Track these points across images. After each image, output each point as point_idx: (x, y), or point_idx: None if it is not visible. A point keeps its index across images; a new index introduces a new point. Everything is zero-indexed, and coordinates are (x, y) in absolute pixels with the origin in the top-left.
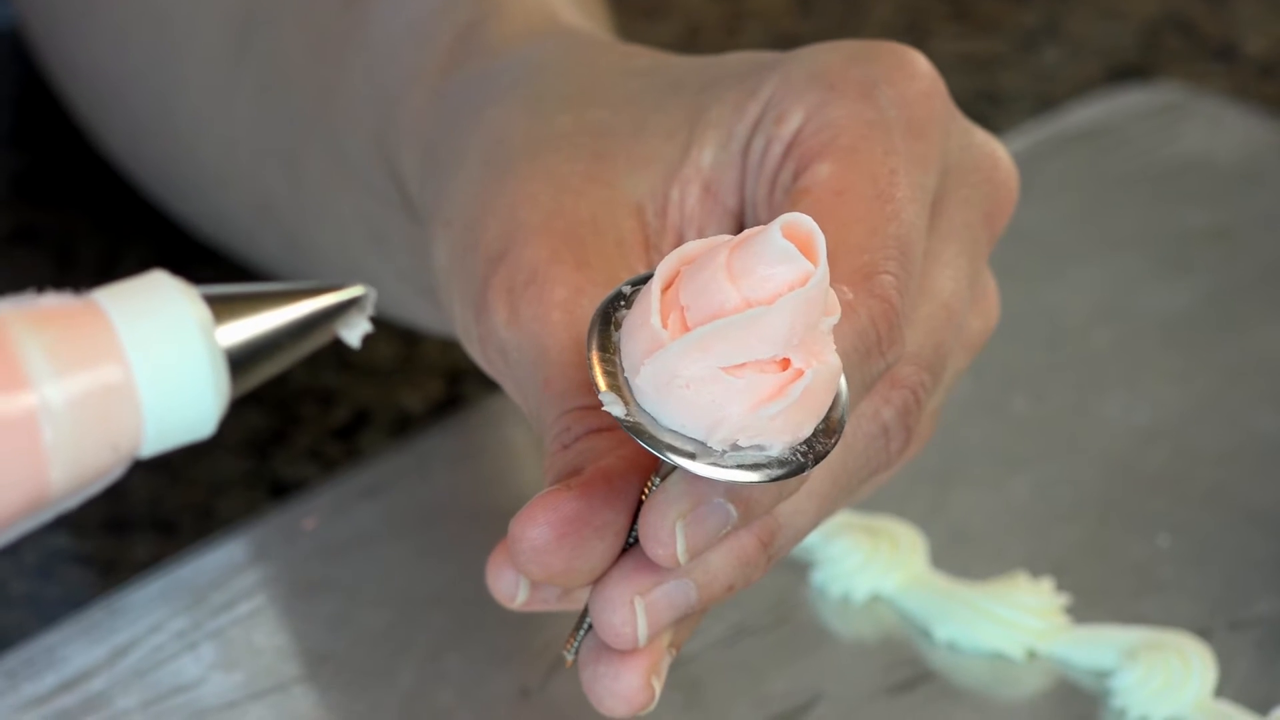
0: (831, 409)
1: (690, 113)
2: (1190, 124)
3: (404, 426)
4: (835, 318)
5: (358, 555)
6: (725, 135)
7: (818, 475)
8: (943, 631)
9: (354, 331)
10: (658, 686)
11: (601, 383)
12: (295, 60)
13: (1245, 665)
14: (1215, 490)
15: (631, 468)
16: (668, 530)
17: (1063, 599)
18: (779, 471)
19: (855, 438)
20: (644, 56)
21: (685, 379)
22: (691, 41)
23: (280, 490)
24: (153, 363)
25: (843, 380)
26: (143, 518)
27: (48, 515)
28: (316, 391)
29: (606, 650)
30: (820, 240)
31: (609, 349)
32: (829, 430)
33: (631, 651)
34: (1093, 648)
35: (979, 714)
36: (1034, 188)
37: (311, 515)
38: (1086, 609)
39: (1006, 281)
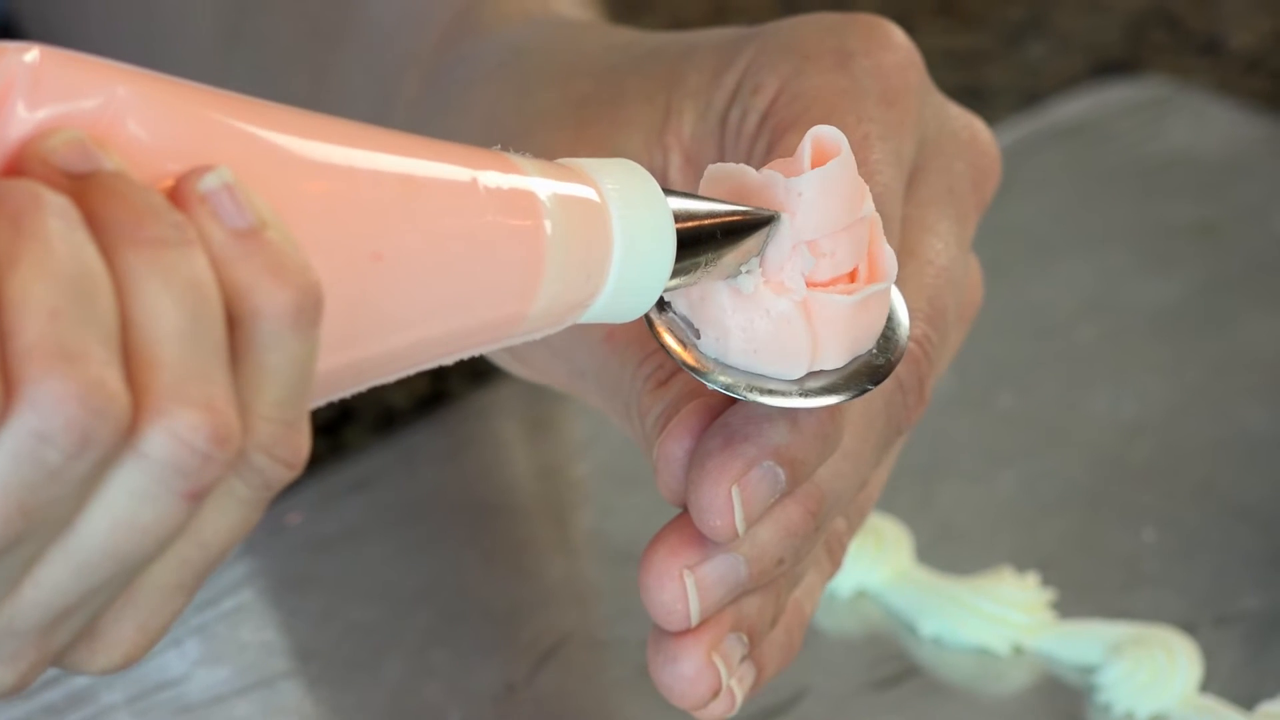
0: (889, 344)
1: (668, 78)
2: (1176, 118)
3: (389, 421)
4: (870, 202)
5: (344, 550)
6: (703, 105)
7: (849, 432)
8: (928, 627)
9: (748, 279)
10: (723, 669)
11: (668, 339)
12: (287, 46)
13: (1230, 660)
14: (1202, 485)
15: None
16: (723, 499)
17: (1048, 594)
18: (854, 392)
19: (875, 396)
20: (626, 34)
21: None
22: None
23: None
24: (623, 209)
25: (897, 305)
26: None
27: (517, 339)
28: None
29: (665, 636)
30: (842, 139)
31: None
32: (887, 360)
33: (687, 631)
34: (1078, 643)
35: (964, 709)
36: (1020, 182)
37: (297, 510)
38: (1072, 604)
39: (992, 276)
